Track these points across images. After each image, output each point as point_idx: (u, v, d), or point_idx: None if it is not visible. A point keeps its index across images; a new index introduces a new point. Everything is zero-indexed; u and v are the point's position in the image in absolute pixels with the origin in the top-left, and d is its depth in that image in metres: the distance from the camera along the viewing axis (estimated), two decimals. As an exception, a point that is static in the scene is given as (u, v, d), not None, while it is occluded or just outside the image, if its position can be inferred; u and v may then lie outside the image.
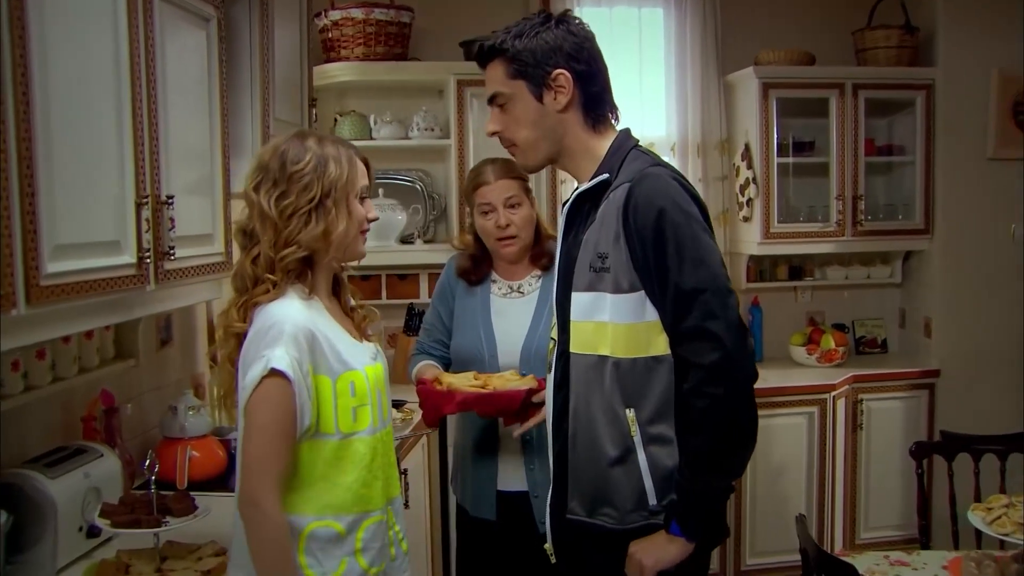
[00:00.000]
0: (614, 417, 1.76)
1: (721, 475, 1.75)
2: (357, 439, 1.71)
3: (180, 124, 2.09)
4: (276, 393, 1.59)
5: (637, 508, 1.76)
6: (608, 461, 1.77)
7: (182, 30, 2.12)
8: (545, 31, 1.81)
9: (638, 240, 1.70)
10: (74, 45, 1.69)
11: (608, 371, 1.75)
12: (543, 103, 1.81)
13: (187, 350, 3.02)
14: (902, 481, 4.23)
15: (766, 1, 4.47)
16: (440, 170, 4.18)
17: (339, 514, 1.69)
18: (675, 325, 1.71)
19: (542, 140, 1.85)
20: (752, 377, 1.71)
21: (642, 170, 1.75)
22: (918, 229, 4.34)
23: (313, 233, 1.68)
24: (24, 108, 1.52)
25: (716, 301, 1.67)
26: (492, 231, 2.47)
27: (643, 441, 1.75)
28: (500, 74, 1.84)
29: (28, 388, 2.05)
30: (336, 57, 3.86)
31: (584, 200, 1.84)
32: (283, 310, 1.65)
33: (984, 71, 4.21)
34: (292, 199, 1.68)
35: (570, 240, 1.85)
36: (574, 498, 1.83)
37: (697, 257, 1.69)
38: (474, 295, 2.56)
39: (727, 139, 4.38)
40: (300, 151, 1.70)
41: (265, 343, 1.60)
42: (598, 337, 1.76)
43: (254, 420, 1.60)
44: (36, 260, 1.55)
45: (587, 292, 1.78)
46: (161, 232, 1.96)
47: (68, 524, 1.97)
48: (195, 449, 2.53)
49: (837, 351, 4.34)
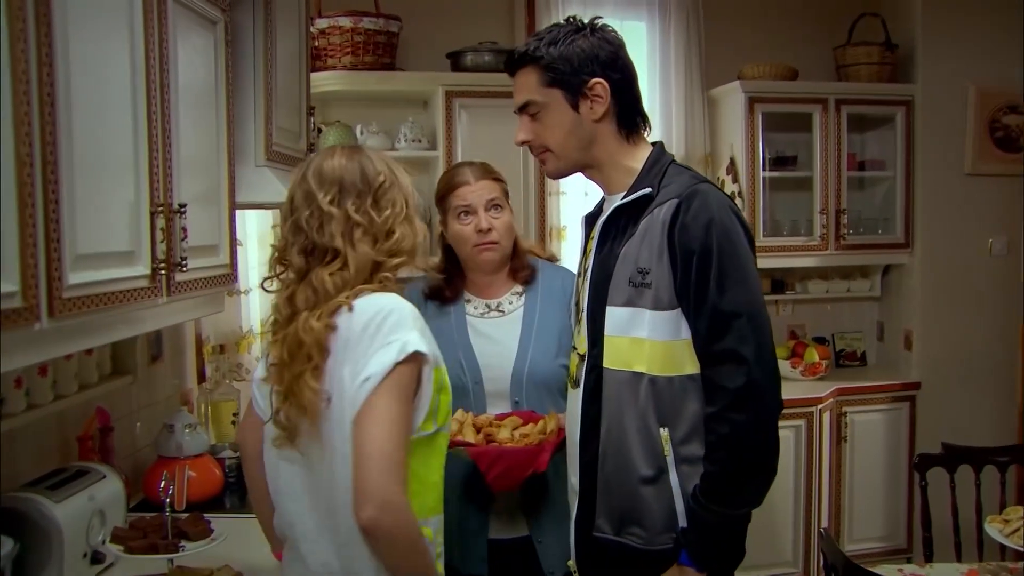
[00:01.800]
0: (648, 435, 1.72)
1: (734, 505, 1.69)
2: (440, 434, 1.63)
3: (189, 130, 2.01)
4: (409, 379, 1.50)
5: (666, 530, 1.73)
6: (640, 479, 1.73)
7: (192, 32, 2.04)
8: (580, 38, 1.77)
9: (682, 258, 1.68)
10: (92, 45, 1.60)
11: (643, 388, 1.72)
12: (579, 112, 1.78)
13: (177, 366, 2.91)
14: (885, 493, 4.27)
15: (749, 16, 4.51)
16: (426, 182, 4.10)
17: (428, 517, 1.59)
18: (707, 346, 1.68)
19: (575, 150, 1.82)
20: (777, 407, 1.69)
21: (691, 187, 1.73)
22: (898, 243, 4.39)
23: (414, 240, 1.64)
24: (48, 110, 1.43)
25: (751, 326, 1.65)
26: (470, 236, 2.22)
27: (675, 461, 1.71)
28: (533, 82, 1.79)
29: (30, 407, 1.95)
30: (323, 66, 3.78)
31: (620, 213, 1.80)
32: (390, 299, 1.57)
33: (962, 87, 4.29)
34: (390, 211, 1.63)
35: (604, 253, 1.81)
36: (602, 515, 1.79)
37: (739, 279, 1.67)
38: (446, 318, 2.28)
39: (710, 153, 4.39)
40: (371, 165, 1.66)
41: (389, 328, 1.51)
42: (634, 353, 1.73)
43: (387, 409, 1.47)
44: (59, 271, 1.46)
45: (625, 307, 1.74)
46: (174, 242, 1.88)
47: (73, 550, 1.87)
48: (192, 469, 2.44)
49: (820, 364, 4.36)
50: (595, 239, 1.85)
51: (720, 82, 4.31)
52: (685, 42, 4.30)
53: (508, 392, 2.20)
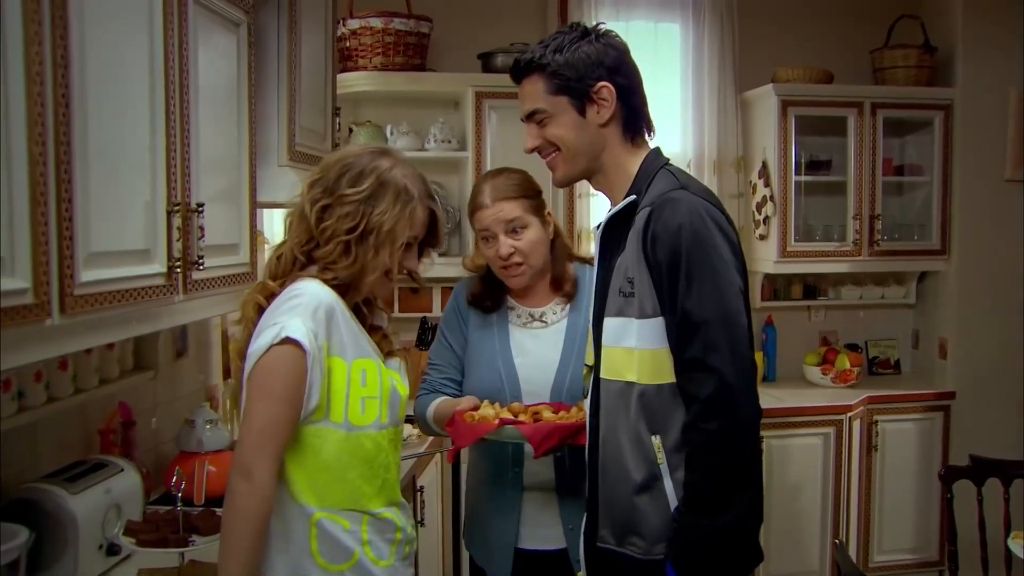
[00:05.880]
0: (640, 444, 1.71)
1: (715, 516, 1.63)
2: (364, 435, 1.66)
3: (209, 130, 2.04)
4: (286, 362, 1.55)
5: (663, 539, 1.70)
6: (635, 488, 1.72)
7: (214, 34, 2.07)
8: (585, 44, 1.77)
9: (655, 265, 1.67)
10: (110, 46, 1.63)
11: (634, 397, 1.71)
12: (585, 117, 1.78)
13: (202, 362, 2.95)
14: (916, 504, 4.18)
15: (783, 18, 4.45)
16: (455, 182, 4.13)
17: (342, 509, 1.64)
18: (678, 353, 1.66)
19: (582, 155, 1.81)
20: (752, 416, 1.65)
21: (664, 193, 1.71)
22: (934, 250, 4.31)
23: (350, 269, 1.66)
24: (63, 111, 1.46)
25: (721, 333, 1.62)
26: (494, 260, 2.17)
27: (669, 469, 1.70)
28: (540, 90, 1.79)
29: (50, 399, 1.99)
30: (353, 67, 3.81)
31: (618, 223, 1.80)
32: (307, 284, 1.62)
33: (1003, 92, 4.19)
34: (333, 222, 1.65)
35: (606, 265, 1.81)
36: (604, 526, 1.79)
37: (709, 286, 1.64)
38: (489, 326, 2.23)
39: (743, 156, 4.34)
40: (360, 175, 1.67)
41: (282, 311, 1.58)
42: (625, 363, 1.73)
43: (259, 388, 1.55)
44: (71, 268, 1.49)
45: (616, 317, 1.74)
46: (191, 241, 1.91)
47: (89, 542, 1.90)
48: (212, 464, 2.47)
49: (852, 371, 4.30)
50: (597, 251, 1.85)
51: (754, 85, 4.26)
52: (719, 44, 4.25)
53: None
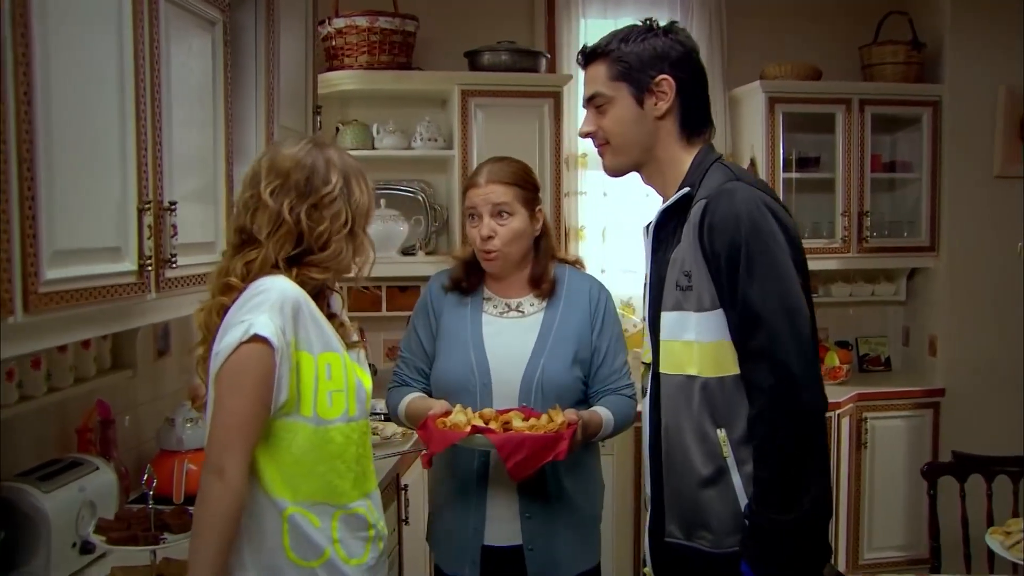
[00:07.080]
0: (704, 437, 1.71)
1: (786, 511, 1.62)
2: (333, 428, 1.66)
3: (183, 129, 2.04)
4: (255, 359, 1.55)
5: (734, 531, 1.70)
6: (700, 482, 1.72)
7: (187, 33, 2.08)
8: (652, 37, 1.80)
9: (712, 258, 1.68)
10: (77, 45, 1.64)
11: (696, 391, 1.71)
12: (643, 108, 1.80)
13: (184, 361, 2.95)
14: (906, 501, 4.18)
15: (771, 15, 4.44)
16: (442, 181, 4.13)
17: (313, 503, 1.64)
18: (741, 345, 1.67)
19: (635, 145, 1.83)
20: (817, 406, 1.65)
21: (719, 185, 1.72)
22: (924, 246, 4.31)
23: (350, 260, 1.68)
24: (25, 108, 1.46)
25: (784, 324, 1.63)
26: (475, 240, 2.18)
27: (736, 462, 1.70)
28: (602, 75, 1.82)
29: (23, 398, 1.99)
30: (339, 65, 3.81)
31: (671, 217, 1.81)
32: (273, 280, 1.62)
33: (991, 88, 4.19)
34: (328, 224, 1.65)
35: (659, 259, 1.82)
36: (672, 521, 1.78)
37: (770, 276, 1.65)
38: (463, 312, 2.23)
39: (731, 154, 4.34)
40: (326, 171, 1.67)
41: (247, 308, 1.57)
42: (685, 357, 1.73)
43: (229, 386, 1.55)
44: (35, 266, 1.50)
45: (674, 311, 1.75)
46: (163, 239, 1.91)
47: (62, 540, 1.90)
48: (192, 462, 2.46)
49: (841, 369, 4.30)
50: (650, 246, 1.86)
51: (742, 82, 4.26)
52: (707, 41, 4.25)
53: (517, 397, 2.15)
